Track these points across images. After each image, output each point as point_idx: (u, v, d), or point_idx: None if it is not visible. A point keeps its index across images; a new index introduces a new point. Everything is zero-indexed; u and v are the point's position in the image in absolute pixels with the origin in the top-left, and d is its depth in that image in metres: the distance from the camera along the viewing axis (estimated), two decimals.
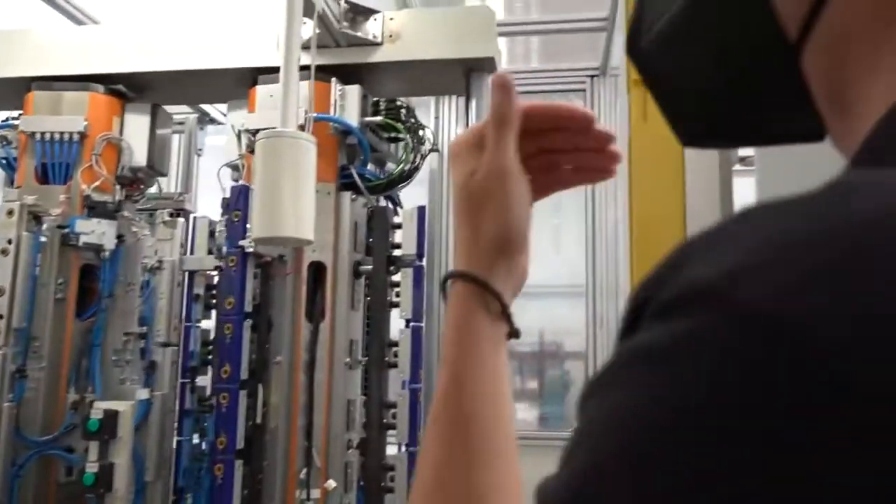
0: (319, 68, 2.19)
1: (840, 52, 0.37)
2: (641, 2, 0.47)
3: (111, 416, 2.10)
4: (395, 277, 2.21)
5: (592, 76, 3.45)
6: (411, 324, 2.11)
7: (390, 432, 2.13)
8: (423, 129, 2.31)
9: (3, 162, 2.47)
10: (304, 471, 1.96)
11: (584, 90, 3.50)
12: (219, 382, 1.95)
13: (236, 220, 1.99)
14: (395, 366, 2.13)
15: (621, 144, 2.53)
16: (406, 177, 2.21)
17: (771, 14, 0.39)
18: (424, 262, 2.21)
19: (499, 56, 2.32)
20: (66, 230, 2.30)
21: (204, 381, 2.41)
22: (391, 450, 2.14)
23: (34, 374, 2.23)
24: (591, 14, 2.94)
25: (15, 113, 2.49)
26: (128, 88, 2.42)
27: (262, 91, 2.24)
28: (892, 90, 0.35)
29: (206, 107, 3.12)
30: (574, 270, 3.63)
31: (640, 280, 0.30)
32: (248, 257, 2.00)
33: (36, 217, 2.29)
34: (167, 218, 2.49)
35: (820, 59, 0.38)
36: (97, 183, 2.37)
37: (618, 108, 2.62)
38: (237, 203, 2.01)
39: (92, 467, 2.06)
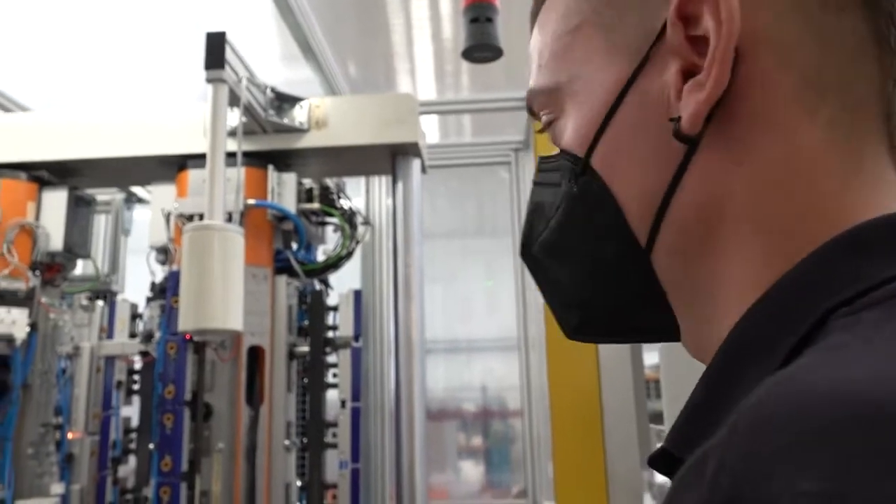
0: (250, 154, 2.27)
1: (679, 255, 0.44)
2: (530, 213, 0.54)
3: None
4: (330, 359, 2.27)
5: (517, 149, 3.73)
6: (349, 404, 2.17)
7: None
8: (355, 214, 2.41)
9: None
10: None
11: (509, 162, 3.76)
12: (160, 476, 1.91)
13: (175, 305, 1.99)
14: (333, 446, 2.17)
15: None
16: (342, 261, 2.29)
17: (625, 225, 0.46)
18: (360, 343, 2.28)
19: (423, 139, 2.47)
20: None
21: (125, 471, 2.33)
22: None
23: None
24: (514, 94, 3.16)
25: None
26: (50, 174, 2.42)
27: (194, 175, 2.28)
28: (732, 288, 0.40)
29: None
30: (509, 327, 3.81)
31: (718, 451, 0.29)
32: (188, 344, 2.00)
33: None
34: (85, 302, 2.42)
35: (665, 259, 0.44)
36: (7, 271, 2.29)
37: None
38: (175, 289, 2.01)
39: None
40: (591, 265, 0.49)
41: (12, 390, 2.24)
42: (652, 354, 2.03)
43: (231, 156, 2.06)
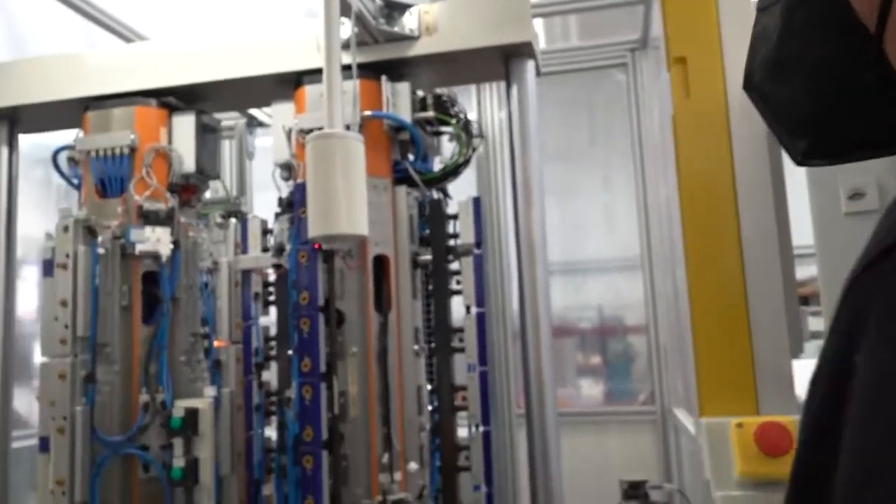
0: (363, 66, 2.27)
1: None
2: (755, 40, 0.55)
3: (192, 414, 2.22)
4: (452, 267, 2.31)
5: (633, 49, 3.52)
6: (474, 310, 2.20)
7: (460, 414, 2.23)
8: (470, 121, 2.38)
9: (76, 182, 2.55)
10: (386, 456, 2.06)
11: (625, 64, 3.57)
12: (301, 376, 2.04)
13: (302, 216, 2.06)
14: (460, 350, 2.22)
15: (666, 119, 2.60)
16: (460, 169, 2.29)
17: (851, 15, 0.45)
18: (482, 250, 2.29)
19: (536, 39, 2.38)
20: (122, 240, 2.38)
21: (268, 375, 2.50)
22: (461, 431, 2.25)
23: (108, 378, 2.34)
24: None
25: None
26: (178, 99, 2.52)
27: (311, 91, 2.32)
28: None
29: (253, 110, 3.20)
30: (628, 245, 3.73)
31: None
32: (317, 254, 2.08)
33: (91, 230, 2.37)
34: (219, 220, 2.56)
35: None
36: (149, 192, 2.44)
37: (661, 81, 2.67)
38: (301, 201, 2.08)
39: (178, 462, 2.17)
40: (818, 70, 0.49)
41: (163, 303, 2.43)
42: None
43: (346, 69, 2.07)
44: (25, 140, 2.80)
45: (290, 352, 2.22)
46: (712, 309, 1.87)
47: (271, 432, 2.43)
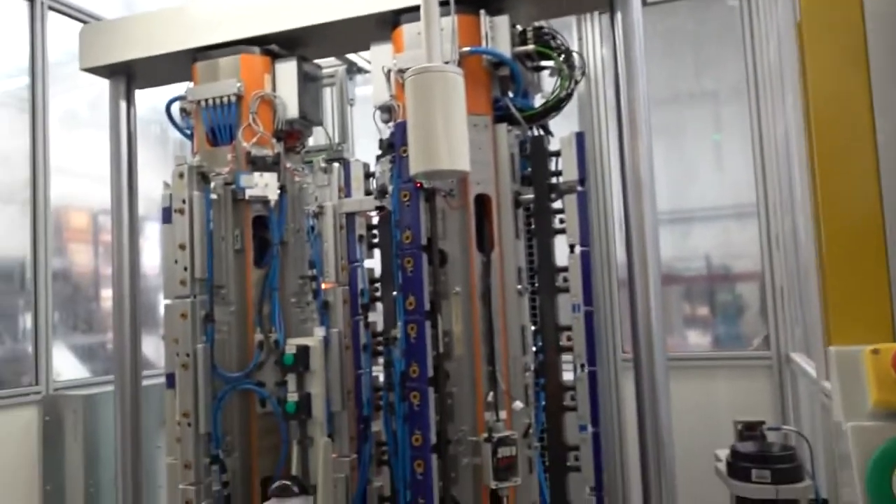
0: (459, 1, 2.21)
1: None
2: None
3: (303, 351, 2.31)
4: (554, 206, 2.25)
5: None
6: (578, 249, 2.15)
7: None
8: (573, 54, 2.29)
9: (188, 132, 2.66)
10: (491, 394, 2.07)
11: None
12: (406, 315, 2.06)
13: (404, 154, 2.06)
14: (564, 290, 2.19)
15: (788, 36, 2.36)
16: (562, 103, 2.22)
17: None
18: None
19: None
20: (233, 186, 2.46)
21: (374, 317, 2.55)
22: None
23: (224, 318, 2.46)
24: None
25: None
26: (279, 47, 2.56)
27: (408, 30, 2.30)
28: None
29: (352, 57, 3.22)
30: (740, 189, 3.54)
31: None
32: (419, 192, 2.08)
33: (204, 177, 2.46)
34: (323, 165, 2.60)
35: None
36: (256, 139, 2.51)
37: None
38: (402, 140, 2.08)
39: (292, 397, 2.28)
40: None
41: (272, 246, 2.52)
42: None
43: (443, 4, 2.03)
44: (141, 106, 2.93)
45: (394, 293, 2.25)
46: (844, 235, 1.73)
47: (378, 371, 2.49)
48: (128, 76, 2.84)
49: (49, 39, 3.46)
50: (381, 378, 2.44)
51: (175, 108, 2.76)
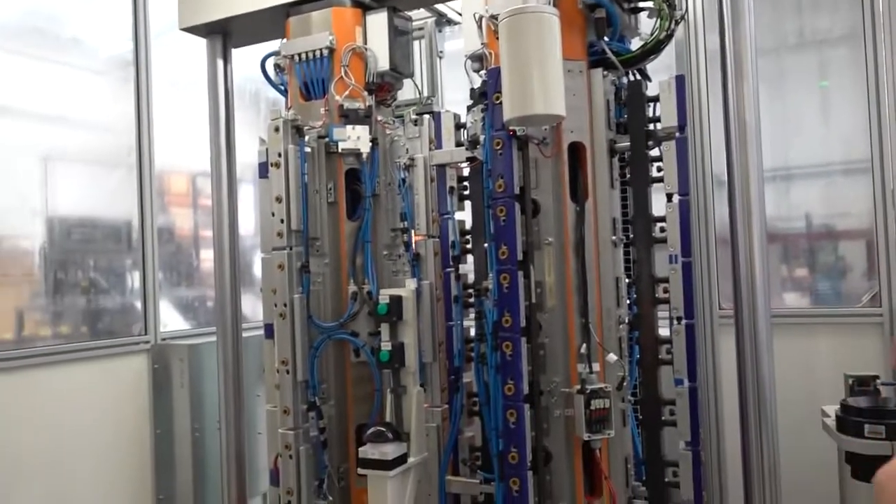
0: None
1: None
2: None
3: (396, 301, 2.34)
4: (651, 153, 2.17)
5: None
6: (676, 198, 2.07)
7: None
8: None
9: (282, 88, 2.71)
10: (584, 346, 2.04)
11: None
12: (498, 264, 2.05)
13: (496, 101, 2.03)
14: (661, 241, 2.12)
15: None
16: (662, 45, 2.12)
17: None
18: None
19: None
20: (326, 139, 2.50)
21: (465, 269, 2.55)
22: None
23: (319, 270, 2.52)
24: None
25: None
26: None
27: None
28: None
29: (441, 8, 3.19)
30: (850, 142, 3.33)
31: None
32: (512, 141, 2.04)
33: (299, 130, 2.50)
34: (414, 117, 2.60)
35: None
36: (348, 92, 2.53)
37: None
38: (495, 86, 2.04)
39: (386, 346, 2.33)
40: None
41: (365, 199, 2.55)
42: None
43: None
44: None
45: (485, 244, 2.24)
46: None
47: (469, 324, 2.50)
48: (224, 35, 2.91)
49: (150, 5, 3.58)
50: (472, 330, 2.45)
51: (269, 64, 2.81)
